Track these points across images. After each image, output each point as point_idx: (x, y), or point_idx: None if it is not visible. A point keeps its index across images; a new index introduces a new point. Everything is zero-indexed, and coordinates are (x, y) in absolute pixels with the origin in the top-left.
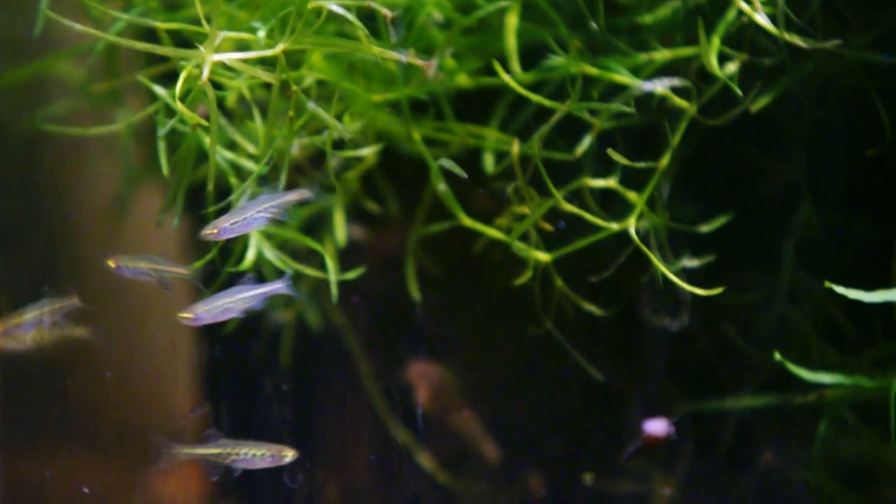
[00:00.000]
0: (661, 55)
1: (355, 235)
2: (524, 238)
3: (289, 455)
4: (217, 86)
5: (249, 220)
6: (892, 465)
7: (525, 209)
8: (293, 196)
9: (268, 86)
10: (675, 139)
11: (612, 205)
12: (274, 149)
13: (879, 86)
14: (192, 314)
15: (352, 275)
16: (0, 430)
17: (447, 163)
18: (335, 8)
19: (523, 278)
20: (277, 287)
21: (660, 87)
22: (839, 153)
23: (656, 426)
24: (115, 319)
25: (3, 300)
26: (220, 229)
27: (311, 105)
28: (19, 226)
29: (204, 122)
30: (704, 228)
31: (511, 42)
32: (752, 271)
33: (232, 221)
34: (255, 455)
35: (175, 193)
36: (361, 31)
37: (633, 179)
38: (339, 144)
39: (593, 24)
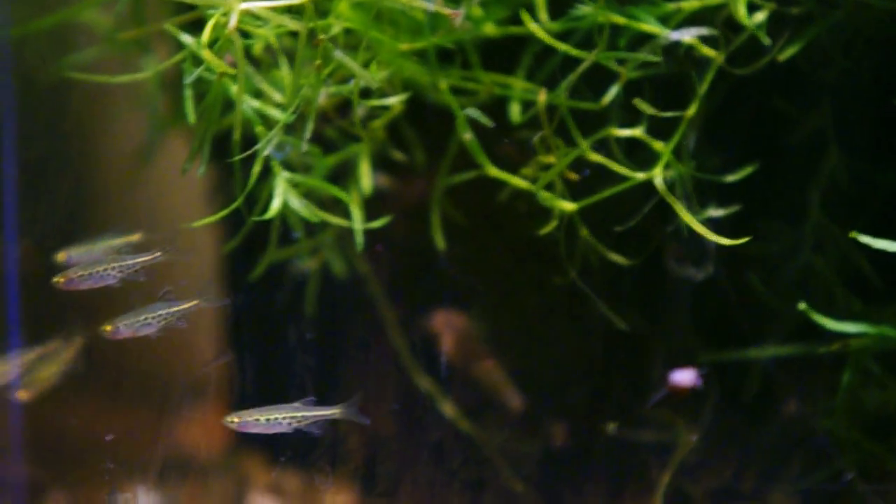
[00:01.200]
0: (689, 4)
1: (381, 184)
2: (549, 187)
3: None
4: (244, 34)
5: (100, 275)
6: None
7: (551, 158)
8: (145, 258)
9: (295, 34)
10: (703, 88)
11: (638, 154)
12: (300, 97)
13: None
14: (112, 327)
15: (377, 224)
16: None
17: (473, 112)
18: None
19: (548, 228)
20: (194, 304)
21: (687, 36)
22: (866, 102)
23: (683, 376)
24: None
25: (30, 246)
26: (68, 279)
27: (338, 54)
28: (45, 173)
29: (231, 71)
30: (730, 178)
31: None
32: (778, 221)
33: (80, 274)
34: None
35: (201, 142)
36: None
37: (660, 129)
38: (366, 93)
39: None
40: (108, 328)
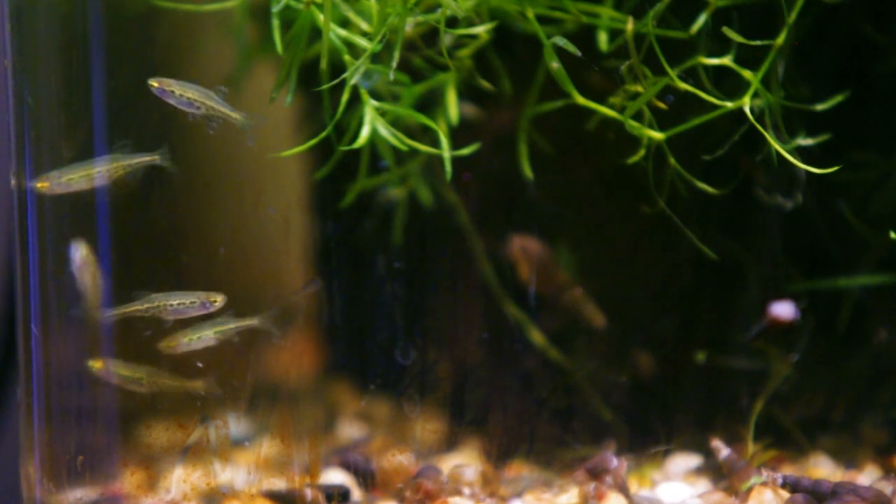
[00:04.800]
0: None
1: (468, 113)
2: (638, 116)
3: (217, 301)
4: None
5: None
6: None
7: (639, 87)
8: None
9: None
10: (792, 17)
11: (726, 83)
12: (387, 26)
13: None
14: (175, 343)
15: (465, 152)
16: (113, 302)
17: (561, 41)
18: None
19: (636, 157)
20: (252, 323)
21: None
22: None
23: (783, 309)
24: (229, 195)
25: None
26: (51, 182)
27: None
28: (133, 102)
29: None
30: (820, 107)
31: None
32: (868, 149)
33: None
34: (185, 304)
35: (288, 70)
36: None
37: (749, 57)
38: (453, 22)
39: None
40: (172, 344)
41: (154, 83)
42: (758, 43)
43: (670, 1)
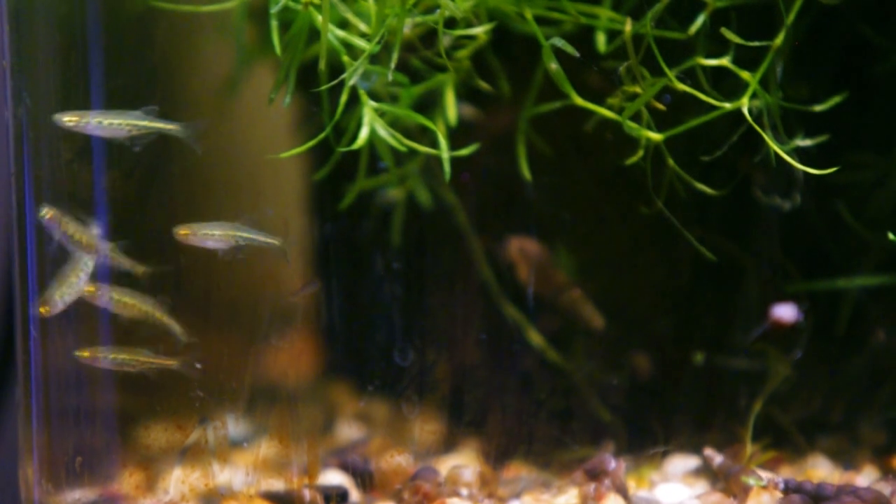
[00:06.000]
0: None
1: (466, 114)
2: (636, 117)
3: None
4: None
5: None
6: None
7: (637, 88)
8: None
9: None
10: (790, 17)
11: (724, 84)
12: (386, 27)
13: None
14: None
15: (463, 152)
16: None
17: (559, 42)
18: None
19: (635, 158)
20: (169, 363)
21: None
22: None
23: (785, 311)
24: (227, 197)
25: (117, 175)
26: (52, 304)
27: None
28: (132, 103)
29: (316, 0)
30: (818, 107)
31: None
32: (867, 150)
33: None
34: None
35: (287, 71)
36: None
37: (747, 58)
38: (451, 23)
39: None
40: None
41: (72, 119)
42: (756, 44)
43: (668, 2)
